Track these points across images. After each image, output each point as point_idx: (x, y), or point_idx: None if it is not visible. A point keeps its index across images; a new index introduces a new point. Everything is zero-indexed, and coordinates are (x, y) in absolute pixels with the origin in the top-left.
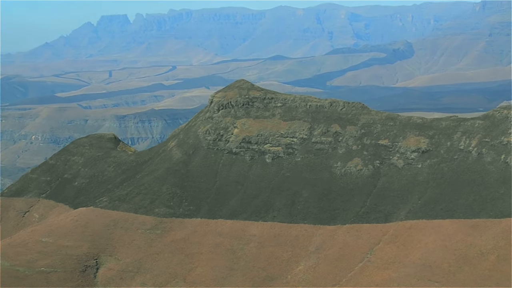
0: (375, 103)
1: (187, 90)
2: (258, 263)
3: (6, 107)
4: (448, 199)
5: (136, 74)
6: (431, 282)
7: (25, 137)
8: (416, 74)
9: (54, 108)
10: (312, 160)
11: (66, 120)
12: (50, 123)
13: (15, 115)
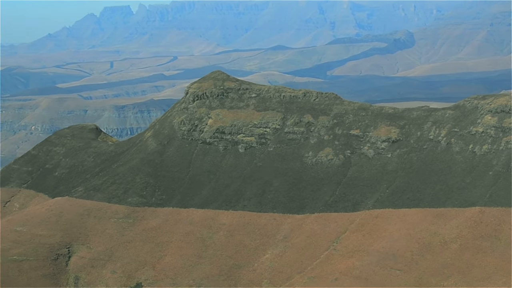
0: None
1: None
2: (226, 252)
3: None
4: (415, 188)
5: (138, 65)
6: (393, 270)
7: (25, 127)
8: (416, 64)
9: (54, 99)
10: (284, 150)
11: (65, 110)
12: (50, 113)
13: (15, 106)
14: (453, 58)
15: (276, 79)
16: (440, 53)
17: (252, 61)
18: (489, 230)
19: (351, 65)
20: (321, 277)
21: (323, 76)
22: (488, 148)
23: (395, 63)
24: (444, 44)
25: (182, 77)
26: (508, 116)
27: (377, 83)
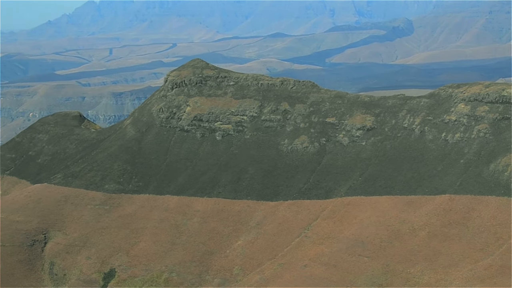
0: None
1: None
2: (199, 238)
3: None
4: (388, 176)
5: (137, 52)
6: (361, 257)
7: (23, 114)
8: (415, 51)
9: (52, 86)
10: (261, 137)
11: (63, 97)
12: (48, 100)
13: (13, 93)
14: (452, 46)
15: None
16: (439, 41)
17: (251, 48)
18: (457, 217)
19: (350, 52)
20: (291, 264)
21: (322, 63)
22: (460, 136)
23: (393, 51)
24: (443, 31)
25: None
26: (481, 105)
27: (375, 71)
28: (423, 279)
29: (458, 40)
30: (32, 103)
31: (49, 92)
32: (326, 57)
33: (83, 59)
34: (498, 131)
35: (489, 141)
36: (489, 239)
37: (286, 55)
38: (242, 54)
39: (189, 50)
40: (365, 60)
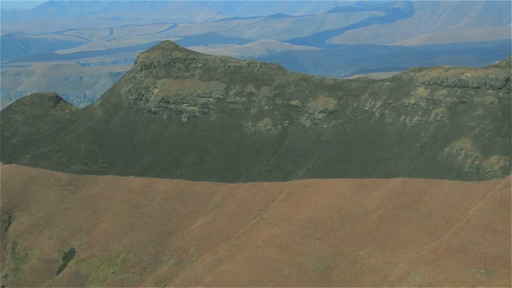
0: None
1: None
2: (158, 219)
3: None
4: (346, 158)
5: (137, 32)
6: (312, 239)
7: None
8: (415, 33)
9: (50, 65)
10: (226, 119)
11: (61, 77)
12: (46, 80)
13: (12, 72)
14: (452, 28)
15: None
16: (438, 23)
17: (251, 29)
18: (409, 200)
19: (350, 33)
20: (244, 245)
21: (321, 44)
22: (418, 120)
23: (393, 32)
24: (443, 13)
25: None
26: (439, 89)
27: (374, 52)
28: (370, 261)
29: (458, 22)
30: (30, 83)
31: (47, 72)
32: (326, 38)
33: (83, 38)
34: (455, 115)
35: (445, 124)
36: (438, 222)
37: (286, 35)
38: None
39: (190, 30)
40: (364, 42)
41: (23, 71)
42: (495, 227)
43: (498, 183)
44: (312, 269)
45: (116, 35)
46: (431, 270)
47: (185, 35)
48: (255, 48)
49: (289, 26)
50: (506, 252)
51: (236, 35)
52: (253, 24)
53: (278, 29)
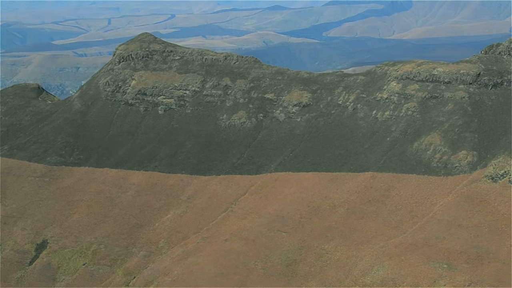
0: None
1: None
2: (131, 211)
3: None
4: (317, 152)
5: (135, 22)
6: (279, 233)
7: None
8: (413, 26)
9: (46, 56)
10: (201, 112)
11: (58, 67)
12: (42, 70)
13: (8, 62)
14: (450, 22)
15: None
16: (437, 16)
17: (249, 21)
18: (377, 195)
19: (347, 26)
20: (213, 238)
21: (318, 37)
22: (390, 114)
23: (391, 26)
24: (442, 7)
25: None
26: (411, 83)
27: (371, 45)
28: (335, 255)
29: (456, 16)
30: (26, 73)
31: (43, 62)
32: (323, 31)
33: (81, 29)
34: (426, 110)
35: (416, 119)
36: (404, 217)
37: (283, 27)
38: (240, 26)
39: (187, 22)
40: (362, 35)
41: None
42: (459, 222)
43: (465, 178)
44: (277, 262)
45: (114, 25)
46: (394, 265)
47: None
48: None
49: (287, 18)
50: (469, 247)
51: (234, 26)
52: (251, 15)
53: (276, 21)
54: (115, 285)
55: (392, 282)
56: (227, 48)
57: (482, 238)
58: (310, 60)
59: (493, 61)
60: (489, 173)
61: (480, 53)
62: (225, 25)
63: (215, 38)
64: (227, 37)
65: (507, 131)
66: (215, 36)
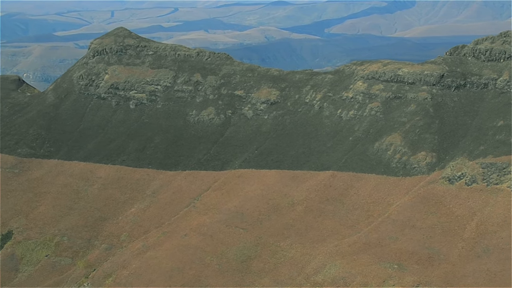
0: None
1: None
2: (96, 204)
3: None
4: (281, 150)
5: (138, 15)
6: (237, 229)
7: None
8: (415, 24)
9: (47, 47)
10: (171, 107)
11: (58, 59)
12: (42, 61)
13: (9, 53)
14: (452, 21)
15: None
16: (439, 15)
17: (252, 16)
18: (335, 194)
19: (349, 23)
20: (174, 233)
21: (320, 33)
22: (354, 114)
23: (393, 23)
24: (445, 6)
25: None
26: (377, 83)
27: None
28: (290, 253)
29: (458, 15)
30: (26, 64)
31: (43, 53)
32: (326, 27)
33: (84, 20)
34: (389, 110)
35: (378, 119)
36: (360, 217)
37: (286, 23)
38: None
39: (190, 15)
40: (364, 32)
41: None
42: (413, 223)
43: (423, 179)
44: (233, 258)
45: (117, 18)
46: (346, 264)
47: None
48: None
49: (289, 14)
50: (421, 248)
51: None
52: (254, 10)
53: (279, 17)
54: (76, 277)
55: (342, 281)
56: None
57: (434, 239)
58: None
59: (458, 62)
60: (446, 175)
61: (445, 54)
62: (227, 20)
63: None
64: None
65: (467, 133)
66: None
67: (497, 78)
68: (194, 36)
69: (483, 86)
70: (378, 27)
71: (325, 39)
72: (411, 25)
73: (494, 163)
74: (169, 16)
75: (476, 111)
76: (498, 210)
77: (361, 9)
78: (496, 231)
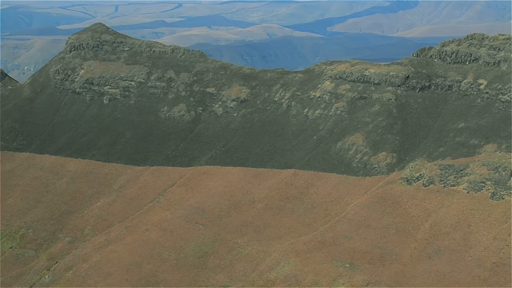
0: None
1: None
2: (63, 197)
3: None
4: (247, 147)
5: (142, 10)
6: (197, 225)
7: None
8: (417, 24)
9: (49, 40)
10: (144, 103)
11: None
12: (43, 54)
13: (10, 45)
14: (454, 21)
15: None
16: (442, 15)
17: (255, 13)
18: (296, 192)
19: (352, 22)
20: (136, 227)
21: (322, 31)
22: (320, 113)
23: (395, 23)
24: (447, 6)
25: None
26: (344, 83)
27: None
28: (246, 249)
29: (461, 16)
30: (27, 57)
31: (45, 47)
32: (328, 26)
33: (88, 14)
34: (353, 110)
35: (343, 119)
36: (318, 215)
37: (288, 21)
38: (246, 18)
39: (193, 11)
40: (366, 31)
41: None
42: (369, 222)
43: (382, 179)
44: (190, 254)
45: (121, 12)
46: (299, 262)
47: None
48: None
49: (292, 12)
50: (374, 247)
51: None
52: (258, 8)
53: (282, 14)
54: (38, 269)
55: (294, 279)
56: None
57: (388, 239)
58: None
59: (424, 64)
60: (405, 176)
61: (411, 56)
62: (230, 16)
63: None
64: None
65: (428, 134)
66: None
67: (462, 80)
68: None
69: (447, 88)
70: (380, 27)
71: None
72: (413, 25)
73: (452, 165)
74: (172, 12)
75: (439, 113)
76: (453, 212)
77: (364, 8)
78: (449, 233)
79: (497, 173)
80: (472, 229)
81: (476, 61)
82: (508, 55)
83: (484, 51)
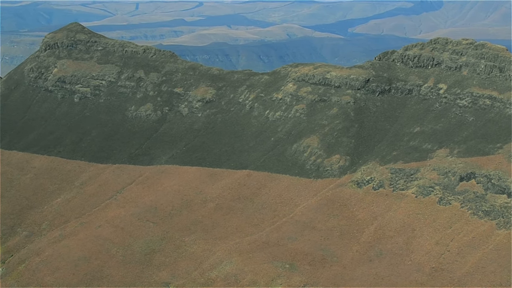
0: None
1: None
2: (25, 193)
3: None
4: (207, 148)
5: (162, 8)
6: (148, 223)
7: None
8: (440, 27)
9: None
10: (113, 102)
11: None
12: None
13: (27, 41)
14: (479, 24)
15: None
16: (466, 18)
17: (276, 13)
18: (248, 193)
19: (374, 23)
20: (90, 224)
21: (343, 32)
22: (280, 115)
23: (418, 25)
24: (472, 8)
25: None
26: (306, 85)
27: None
28: (192, 248)
29: (486, 18)
30: None
31: None
32: (349, 27)
33: (108, 12)
34: (312, 112)
35: (302, 121)
36: (266, 216)
37: (309, 21)
38: (266, 18)
39: (214, 10)
40: (387, 33)
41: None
42: (314, 224)
43: (333, 182)
44: (138, 251)
45: (141, 10)
46: (241, 261)
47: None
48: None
49: (314, 12)
50: (317, 249)
51: (260, 18)
52: (279, 8)
53: (303, 15)
54: None
55: (234, 278)
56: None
57: (331, 241)
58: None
59: (385, 68)
60: (356, 179)
61: (374, 59)
62: (251, 16)
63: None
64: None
65: (384, 138)
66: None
67: (422, 84)
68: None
69: (407, 92)
70: (403, 28)
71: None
72: (436, 27)
73: (403, 169)
74: (193, 10)
75: (397, 117)
76: (399, 216)
77: (387, 9)
78: (393, 236)
79: (446, 178)
80: (416, 233)
81: (439, 65)
82: (470, 60)
83: (447, 55)
